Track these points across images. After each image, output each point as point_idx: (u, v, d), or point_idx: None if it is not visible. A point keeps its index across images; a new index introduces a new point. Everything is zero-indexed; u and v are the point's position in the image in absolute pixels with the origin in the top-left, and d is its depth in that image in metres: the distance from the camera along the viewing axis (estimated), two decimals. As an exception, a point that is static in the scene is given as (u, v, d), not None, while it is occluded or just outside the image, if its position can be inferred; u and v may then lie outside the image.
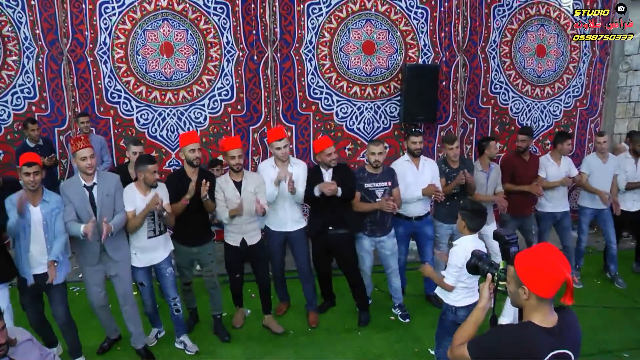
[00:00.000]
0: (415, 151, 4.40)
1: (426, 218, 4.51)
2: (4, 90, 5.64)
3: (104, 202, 3.57)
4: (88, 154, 3.50)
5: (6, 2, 5.36)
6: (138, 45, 5.53)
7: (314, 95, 5.73)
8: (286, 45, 5.64)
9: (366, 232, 4.32)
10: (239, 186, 3.98)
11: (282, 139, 4.10)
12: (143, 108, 5.65)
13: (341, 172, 4.18)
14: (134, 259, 3.82)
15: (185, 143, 3.92)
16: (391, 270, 4.43)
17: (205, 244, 4.07)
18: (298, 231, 4.29)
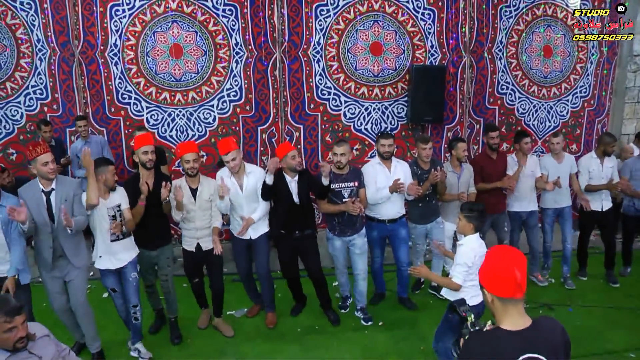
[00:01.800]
0: (385, 154, 4.39)
1: (400, 220, 4.52)
2: (17, 92, 5.81)
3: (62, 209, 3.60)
4: (49, 159, 3.49)
5: (20, 5, 5.53)
6: (148, 46, 5.68)
7: (322, 96, 5.85)
8: (294, 46, 5.77)
9: (336, 233, 4.36)
10: (194, 192, 4.02)
11: (228, 152, 4.04)
12: (153, 109, 5.80)
13: (307, 177, 4.23)
14: (100, 262, 3.84)
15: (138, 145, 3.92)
16: (359, 272, 4.44)
17: (164, 247, 4.11)
18: (260, 237, 4.31)
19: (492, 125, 5.13)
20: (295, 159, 4.13)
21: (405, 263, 4.57)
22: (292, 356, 4.06)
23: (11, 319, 2.35)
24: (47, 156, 3.48)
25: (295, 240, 4.26)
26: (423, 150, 4.52)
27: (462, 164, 4.76)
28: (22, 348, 2.43)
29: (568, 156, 5.16)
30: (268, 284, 4.46)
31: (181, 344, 4.26)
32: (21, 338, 2.40)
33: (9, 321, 2.34)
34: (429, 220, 4.68)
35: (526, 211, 5.05)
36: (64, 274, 3.71)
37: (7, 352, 2.39)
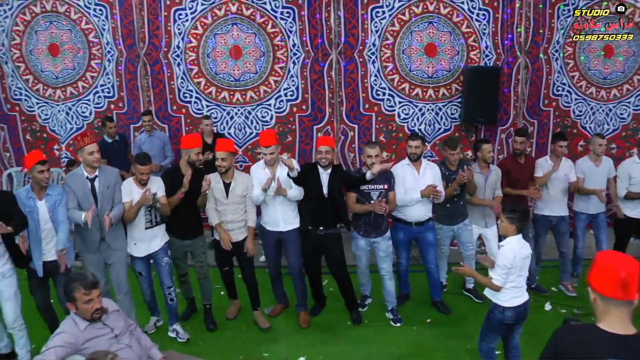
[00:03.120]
0: (411, 155, 4.44)
1: (427, 224, 4.53)
2: (87, 90, 6.32)
3: (105, 194, 3.94)
4: (95, 149, 3.87)
5: (94, 11, 6.02)
6: (209, 48, 6.07)
7: (376, 97, 6.10)
8: (350, 47, 6.03)
9: (361, 233, 4.42)
10: (227, 187, 4.22)
11: (269, 146, 4.20)
12: (213, 107, 6.19)
13: (340, 172, 4.35)
14: (134, 249, 4.14)
15: (191, 146, 4.16)
16: (384, 273, 4.49)
17: (197, 237, 4.36)
18: (291, 231, 4.39)
19: (521, 130, 5.06)
20: (322, 153, 4.22)
21: (434, 265, 4.62)
22: (340, 348, 4.20)
23: (89, 292, 2.72)
24: (93, 146, 3.86)
25: (319, 237, 4.30)
26: (451, 155, 4.52)
27: (490, 166, 4.73)
28: (97, 319, 2.79)
29: (606, 159, 4.98)
30: (300, 281, 4.55)
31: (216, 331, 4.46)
32: (97, 310, 2.77)
33: (87, 293, 2.72)
34: (456, 221, 4.69)
35: (556, 216, 4.92)
36: (105, 257, 4.05)
37: (86, 322, 2.77)
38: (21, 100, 6.44)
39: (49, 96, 6.41)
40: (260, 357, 4.10)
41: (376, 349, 4.17)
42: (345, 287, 4.52)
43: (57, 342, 2.65)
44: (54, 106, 6.43)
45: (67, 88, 6.36)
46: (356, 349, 4.18)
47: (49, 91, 6.40)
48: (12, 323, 3.80)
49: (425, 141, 4.72)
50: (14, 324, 3.80)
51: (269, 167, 4.29)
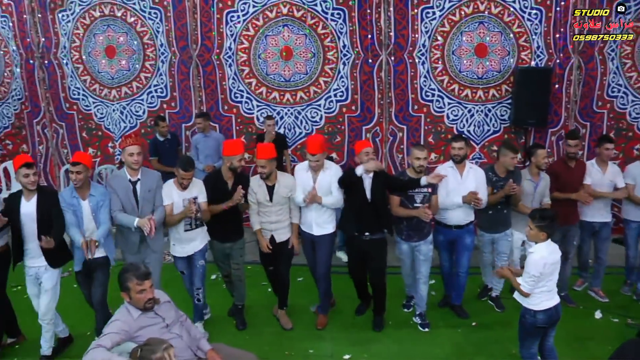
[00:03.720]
0: (455, 157, 4.43)
1: (467, 227, 4.53)
2: (141, 90, 6.63)
3: (146, 197, 4.08)
4: (135, 151, 3.99)
5: (149, 15, 6.30)
6: (260, 49, 6.29)
7: (425, 98, 6.22)
8: (400, 48, 6.16)
9: (403, 237, 4.45)
10: (270, 190, 4.32)
11: (315, 154, 4.24)
12: (263, 107, 6.42)
13: (383, 176, 4.33)
14: (173, 249, 4.33)
15: (234, 153, 4.22)
16: (420, 276, 4.51)
17: (237, 240, 4.47)
18: (323, 236, 4.46)
19: (573, 133, 5.01)
20: (369, 155, 4.24)
21: (465, 270, 4.62)
22: (385, 347, 4.33)
23: (142, 282, 2.92)
24: (134, 148, 4.00)
25: (364, 243, 4.33)
26: (512, 160, 4.45)
27: (540, 173, 4.66)
28: (150, 308, 2.98)
29: None
30: (325, 285, 4.60)
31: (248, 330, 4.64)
32: (149, 299, 2.96)
33: (139, 283, 2.91)
34: (497, 230, 4.67)
35: (599, 222, 4.85)
36: (144, 257, 4.20)
37: (139, 311, 2.96)
38: (79, 99, 6.80)
39: (105, 96, 6.75)
40: (305, 353, 4.27)
41: (420, 350, 4.29)
42: (380, 295, 4.55)
43: (112, 329, 2.86)
44: (109, 105, 6.77)
45: (122, 88, 6.69)
46: (401, 349, 4.31)
47: (104, 91, 6.73)
48: (43, 315, 3.98)
49: (468, 143, 4.73)
50: (44, 316, 3.98)
51: (312, 171, 4.38)
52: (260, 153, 4.28)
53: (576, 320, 4.61)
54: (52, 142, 6.97)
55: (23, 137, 7.08)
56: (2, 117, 7.00)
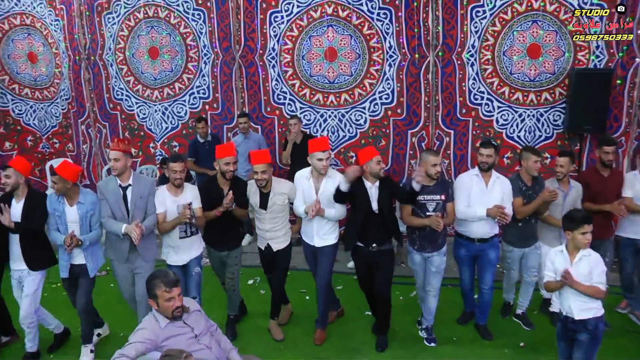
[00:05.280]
0: (482, 165, 4.38)
1: (491, 241, 4.47)
2: (183, 91, 7.06)
3: (137, 204, 4.16)
4: (113, 156, 4.07)
5: (192, 16, 6.70)
6: (304, 50, 6.59)
7: (474, 101, 6.40)
8: (448, 49, 6.34)
9: (416, 247, 4.43)
10: (265, 198, 4.40)
11: (325, 150, 4.31)
12: (306, 109, 6.75)
13: (389, 183, 4.35)
14: (168, 257, 4.43)
15: (221, 155, 4.32)
16: (430, 288, 4.50)
17: (233, 249, 4.59)
18: (324, 248, 4.50)
19: (608, 139, 4.95)
20: (380, 164, 4.23)
21: (489, 286, 4.57)
22: None
23: (170, 290, 2.97)
24: (113, 153, 4.08)
25: (371, 254, 4.34)
26: (534, 163, 4.43)
27: (570, 182, 4.65)
28: (178, 317, 3.04)
29: None
30: (325, 298, 4.61)
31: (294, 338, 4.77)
32: (178, 308, 3.01)
33: (168, 291, 2.96)
34: (528, 243, 4.63)
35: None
36: (134, 266, 4.30)
37: (167, 320, 3.02)
38: (122, 100, 7.29)
39: (147, 96, 7.21)
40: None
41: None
42: (383, 309, 4.54)
43: (137, 337, 2.90)
44: (151, 106, 7.22)
45: (164, 89, 7.13)
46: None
47: (147, 92, 7.19)
48: (23, 319, 4.22)
49: (498, 150, 4.68)
50: (24, 320, 4.22)
51: (314, 179, 4.43)
52: (255, 159, 4.31)
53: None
54: (96, 142, 7.50)
55: (69, 136, 7.65)
56: (51, 117, 7.61)
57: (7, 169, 4.15)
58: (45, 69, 7.50)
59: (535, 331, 4.81)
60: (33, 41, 7.37)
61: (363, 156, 4.27)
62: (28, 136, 7.81)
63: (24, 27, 7.33)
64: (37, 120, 7.73)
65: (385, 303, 4.50)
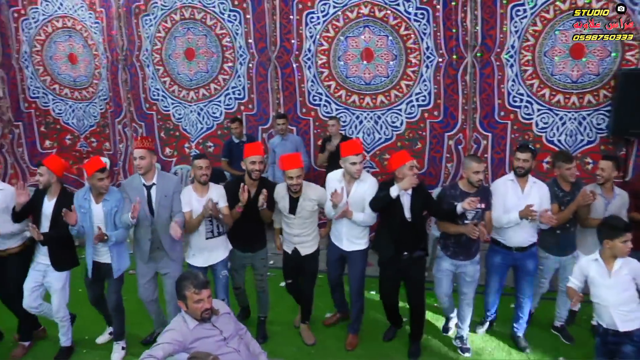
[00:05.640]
0: (518, 170, 4.30)
1: (530, 250, 4.41)
2: (219, 92, 7.22)
3: (162, 203, 4.19)
4: (138, 155, 4.12)
5: (228, 18, 6.83)
6: (340, 51, 6.66)
7: (513, 103, 6.36)
8: (487, 50, 6.32)
9: (448, 253, 4.38)
10: (294, 203, 4.38)
11: (358, 154, 4.26)
12: (342, 110, 6.82)
13: (423, 192, 4.29)
14: (192, 259, 4.45)
15: (247, 154, 4.34)
16: (464, 297, 4.48)
17: (258, 251, 4.61)
18: (354, 252, 4.50)
19: None
20: (414, 169, 4.17)
21: (529, 295, 4.54)
22: None
23: (199, 291, 3.01)
24: (138, 152, 4.13)
25: (402, 263, 4.31)
26: (567, 170, 4.38)
27: (615, 189, 4.55)
28: (207, 319, 3.08)
29: None
30: (359, 303, 4.65)
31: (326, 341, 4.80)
32: (207, 310, 3.05)
33: (197, 293, 3.01)
34: (565, 252, 4.55)
35: None
36: (158, 266, 4.37)
37: (196, 321, 3.06)
38: (158, 100, 7.49)
39: (183, 97, 7.40)
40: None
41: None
42: (419, 318, 4.53)
43: (165, 339, 2.95)
44: (187, 107, 7.41)
45: (199, 90, 7.31)
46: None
47: (183, 92, 7.38)
48: (56, 313, 4.42)
49: (535, 155, 4.57)
50: (57, 314, 4.42)
51: (346, 182, 4.40)
52: (287, 163, 4.27)
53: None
54: (132, 141, 7.72)
55: (106, 136, 7.90)
56: (89, 116, 7.89)
57: (41, 167, 4.27)
58: (84, 70, 7.75)
59: (576, 345, 4.73)
60: (74, 43, 7.64)
61: (395, 161, 4.20)
62: (67, 135, 8.10)
63: (66, 29, 7.60)
64: (75, 119, 8.01)
65: (419, 311, 4.50)
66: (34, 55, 7.79)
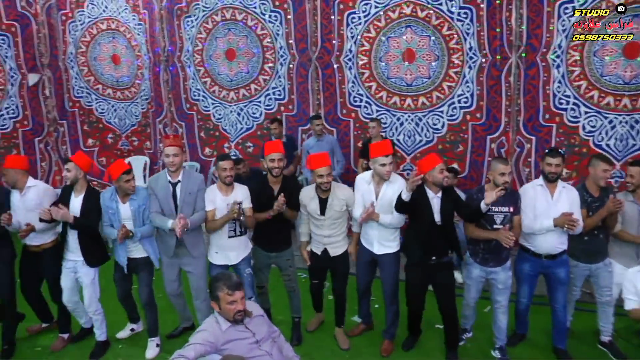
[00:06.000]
0: (549, 175, 4.23)
1: (561, 257, 4.34)
2: (259, 92, 7.38)
3: (186, 200, 4.34)
4: (172, 152, 4.26)
5: (269, 18, 7.00)
6: (381, 52, 6.72)
7: (559, 106, 6.30)
8: (532, 50, 6.27)
9: (477, 260, 4.35)
10: (323, 203, 4.41)
11: (388, 155, 4.25)
12: (383, 112, 6.89)
13: (453, 194, 4.29)
14: (214, 257, 4.56)
15: (267, 152, 4.44)
16: (499, 306, 4.43)
17: (283, 250, 4.66)
18: (386, 256, 4.48)
19: None
20: (444, 172, 4.17)
21: (562, 304, 4.44)
22: None
23: (232, 293, 3.03)
24: (171, 149, 4.27)
25: (430, 268, 4.29)
26: (602, 172, 4.29)
27: None
28: (240, 321, 3.09)
29: None
30: (393, 307, 4.66)
31: None
32: (239, 311, 3.06)
33: (230, 294, 3.02)
34: (595, 259, 4.45)
35: None
36: (181, 262, 4.55)
37: (229, 323, 3.08)
38: (199, 100, 7.71)
39: (223, 97, 7.58)
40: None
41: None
42: (453, 324, 4.50)
43: (197, 339, 2.98)
44: (227, 107, 7.59)
45: (240, 90, 7.49)
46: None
47: (223, 93, 7.56)
48: (88, 307, 4.61)
49: (565, 159, 4.50)
50: (89, 308, 4.61)
51: (375, 183, 4.41)
52: (315, 162, 4.34)
53: None
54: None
55: (147, 135, 8.16)
56: (130, 116, 8.18)
57: (69, 163, 4.42)
58: (127, 71, 8.03)
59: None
60: (117, 44, 7.93)
61: (425, 164, 4.18)
62: (109, 133, 8.41)
63: (110, 31, 7.91)
64: (117, 118, 8.30)
65: (452, 317, 4.46)
66: (79, 56, 8.13)
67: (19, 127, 7.95)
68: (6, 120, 7.86)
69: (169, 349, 4.64)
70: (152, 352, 4.74)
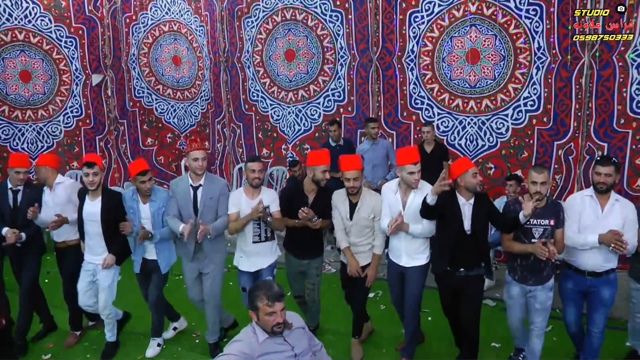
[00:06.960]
0: (599, 186, 4.00)
1: (607, 276, 4.06)
2: (317, 94, 7.67)
3: (207, 204, 4.45)
4: (200, 156, 4.39)
5: (329, 18, 7.29)
6: (444, 52, 6.86)
7: (636, 110, 6.14)
8: (608, 49, 6.19)
9: (516, 278, 4.19)
10: (352, 208, 4.48)
11: (416, 162, 4.19)
12: (444, 115, 7.03)
13: (487, 202, 4.21)
14: (239, 262, 4.66)
15: (317, 162, 4.47)
16: (534, 327, 4.22)
17: (315, 258, 4.76)
18: (414, 268, 4.41)
19: None
20: (477, 177, 4.08)
21: (600, 329, 4.18)
22: None
23: (272, 304, 2.97)
24: (198, 153, 4.40)
25: (457, 280, 4.22)
26: None
27: None
28: (278, 333, 3.04)
29: None
30: (412, 323, 4.57)
31: None
32: (278, 324, 3.00)
33: (270, 305, 2.96)
34: None
35: None
36: (201, 266, 4.65)
37: (266, 334, 3.03)
38: (257, 101, 8.08)
39: (282, 98, 7.91)
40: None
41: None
42: (470, 343, 4.39)
43: (232, 349, 2.97)
44: (285, 108, 7.92)
45: (298, 91, 7.81)
46: None
47: (282, 94, 7.89)
48: (102, 310, 4.74)
49: (620, 169, 4.35)
50: (104, 311, 4.74)
51: (401, 192, 4.37)
52: (346, 164, 4.39)
53: None
54: (229, 141, 8.38)
55: (205, 135, 8.62)
56: (190, 115, 8.72)
57: (94, 166, 4.49)
58: (187, 72, 8.54)
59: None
60: (178, 45, 8.45)
61: (457, 168, 4.12)
62: (167, 133, 8.95)
63: (172, 33, 8.46)
64: (176, 118, 8.81)
65: (472, 339, 4.34)
66: (140, 57, 8.70)
67: (82, 126, 8.59)
68: (70, 119, 8.52)
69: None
70: (153, 352, 4.96)
